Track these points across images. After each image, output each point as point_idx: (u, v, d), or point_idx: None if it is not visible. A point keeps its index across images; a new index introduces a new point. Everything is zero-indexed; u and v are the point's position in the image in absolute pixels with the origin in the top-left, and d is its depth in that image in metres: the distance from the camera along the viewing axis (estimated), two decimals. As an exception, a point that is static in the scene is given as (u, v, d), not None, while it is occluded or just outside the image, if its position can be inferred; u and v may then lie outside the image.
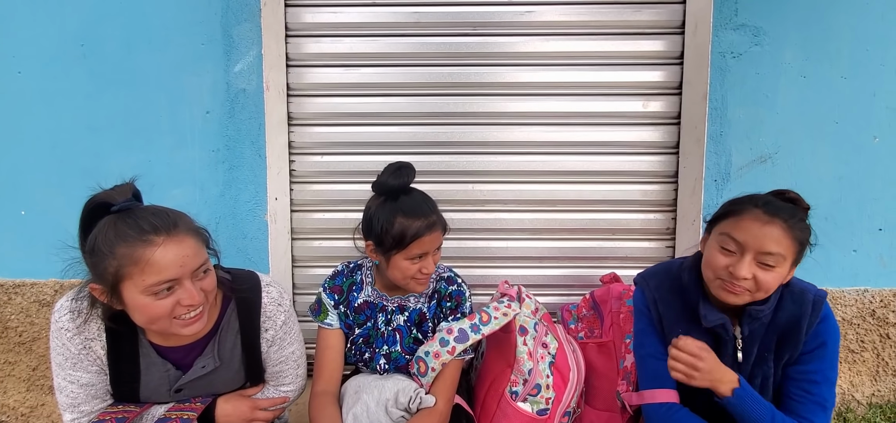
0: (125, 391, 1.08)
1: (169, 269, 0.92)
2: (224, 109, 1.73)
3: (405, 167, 1.19)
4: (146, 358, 1.07)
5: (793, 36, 1.72)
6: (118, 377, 1.06)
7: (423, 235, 1.16)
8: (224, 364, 1.12)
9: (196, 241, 0.98)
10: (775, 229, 1.00)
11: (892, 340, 1.85)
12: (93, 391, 1.06)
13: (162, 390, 1.09)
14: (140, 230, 0.91)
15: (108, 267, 0.91)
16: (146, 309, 0.94)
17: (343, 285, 1.31)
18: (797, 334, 1.07)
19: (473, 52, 1.74)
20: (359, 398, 1.21)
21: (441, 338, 1.27)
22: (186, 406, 1.10)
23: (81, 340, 1.02)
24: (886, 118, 1.75)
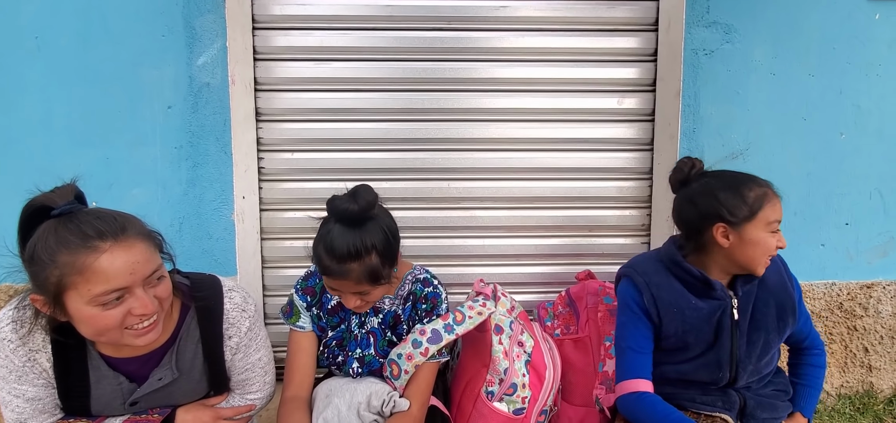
0: (75, 405, 1.02)
1: (117, 277, 0.86)
2: (187, 103, 1.66)
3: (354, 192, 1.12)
4: (96, 371, 1.00)
5: (763, 34, 1.74)
6: (66, 391, 1.00)
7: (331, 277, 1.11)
8: (183, 375, 1.06)
9: (147, 245, 0.92)
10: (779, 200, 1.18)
11: (859, 332, 1.90)
12: (40, 406, 0.99)
13: (115, 403, 1.03)
14: (84, 236, 0.85)
15: (49, 276, 0.84)
16: (93, 321, 0.88)
17: (316, 286, 1.27)
18: (788, 295, 1.22)
19: (448, 48, 1.71)
20: (330, 402, 1.17)
21: (414, 340, 1.23)
22: (143, 419, 1.04)
23: (25, 351, 0.96)
24: (852, 115, 1.79)
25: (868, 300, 1.88)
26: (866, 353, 1.91)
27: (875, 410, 1.87)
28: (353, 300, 1.15)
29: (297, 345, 1.25)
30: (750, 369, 1.20)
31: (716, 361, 1.19)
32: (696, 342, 1.20)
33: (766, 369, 1.25)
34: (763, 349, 1.21)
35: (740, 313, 1.20)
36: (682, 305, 1.19)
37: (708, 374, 1.21)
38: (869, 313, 1.89)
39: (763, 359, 1.22)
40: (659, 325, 1.21)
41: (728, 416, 1.21)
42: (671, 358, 1.24)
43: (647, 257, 1.31)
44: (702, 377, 1.21)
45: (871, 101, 1.79)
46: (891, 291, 1.88)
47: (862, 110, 1.79)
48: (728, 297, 1.19)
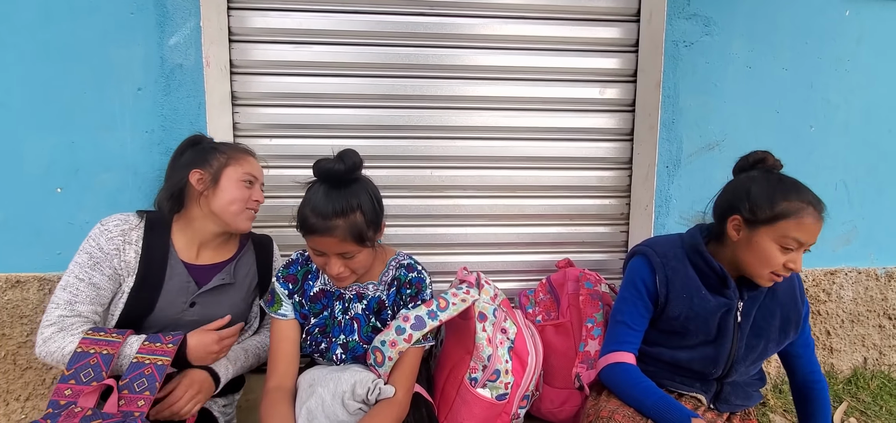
0: (145, 298, 1.19)
1: (252, 169, 1.30)
2: (158, 85, 1.59)
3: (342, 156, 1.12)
4: (172, 268, 1.23)
5: (740, 27, 1.78)
6: (143, 281, 1.19)
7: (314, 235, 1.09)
8: (236, 285, 1.31)
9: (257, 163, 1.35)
10: (820, 225, 1.10)
11: (822, 316, 1.99)
12: (95, 294, 1.16)
13: (179, 301, 1.22)
14: (234, 146, 1.31)
15: (218, 159, 1.25)
16: (235, 189, 1.24)
17: (297, 273, 1.25)
18: (796, 309, 1.23)
19: (430, 33, 1.68)
20: (313, 392, 1.15)
21: (397, 326, 1.22)
22: (157, 347, 1.12)
23: (119, 241, 1.19)
24: (822, 108, 1.86)
25: (831, 286, 1.97)
26: (828, 336, 2.01)
27: (835, 389, 1.97)
28: (337, 265, 1.13)
29: (280, 333, 1.22)
30: (742, 370, 1.23)
31: (714, 357, 1.21)
32: (697, 332, 1.21)
33: (754, 369, 1.29)
34: (760, 355, 1.23)
35: (744, 316, 1.20)
36: (691, 292, 1.19)
37: (702, 366, 1.23)
38: (832, 298, 1.98)
39: (758, 363, 1.26)
40: (664, 305, 1.22)
41: (702, 397, 1.25)
42: (669, 342, 1.25)
43: (667, 239, 1.30)
44: (696, 367, 1.23)
45: (840, 95, 1.86)
46: (852, 277, 1.97)
47: (831, 104, 1.86)
48: (736, 297, 1.18)
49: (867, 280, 1.98)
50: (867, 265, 1.98)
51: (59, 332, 1.12)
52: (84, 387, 1.05)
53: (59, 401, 1.04)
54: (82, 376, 1.06)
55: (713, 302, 1.19)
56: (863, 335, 2.02)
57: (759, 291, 1.20)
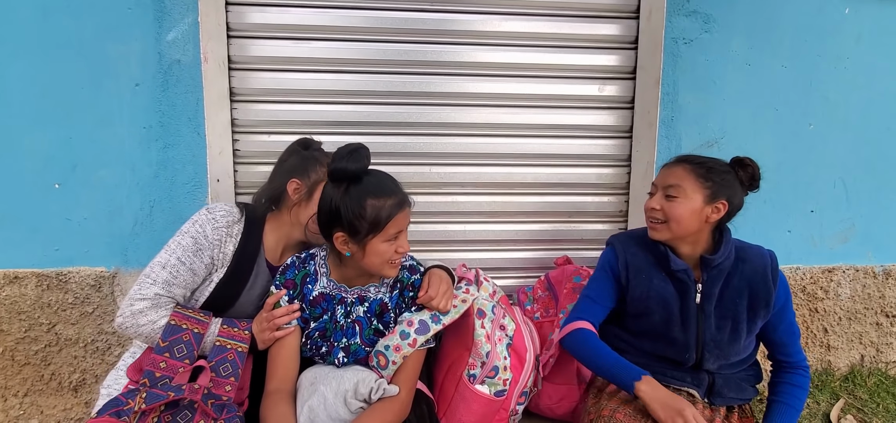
0: (231, 290, 1.23)
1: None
2: (156, 81, 1.58)
3: (361, 149, 1.13)
4: (259, 267, 1.27)
5: (740, 24, 1.77)
6: (232, 276, 1.22)
7: (397, 213, 1.12)
8: None
9: None
10: (677, 167, 1.25)
11: (819, 313, 2.00)
12: (191, 281, 1.18)
13: (256, 298, 1.28)
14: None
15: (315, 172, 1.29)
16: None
17: (296, 277, 1.23)
18: (766, 286, 1.23)
19: (430, 30, 1.67)
20: (315, 390, 1.15)
21: (401, 331, 1.22)
22: (235, 333, 1.19)
23: (224, 232, 1.21)
24: (821, 106, 1.86)
25: (829, 284, 1.97)
26: (825, 333, 2.02)
27: (832, 386, 1.98)
28: (405, 240, 1.18)
29: (281, 341, 1.21)
30: (717, 353, 1.25)
31: (683, 342, 1.25)
32: (659, 312, 1.28)
33: (737, 357, 1.27)
34: (732, 335, 1.24)
35: (705, 297, 1.25)
36: (650, 274, 1.30)
37: (675, 353, 1.27)
38: (829, 295, 1.99)
39: (733, 346, 1.25)
40: (626, 287, 1.33)
41: (696, 392, 1.26)
42: (641, 326, 1.32)
43: (636, 231, 1.42)
44: (670, 354, 1.28)
45: (839, 92, 1.85)
46: (849, 275, 1.98)
47: (830, 102, 1.86)
48: (691, 281, 1.25)
49: (865, 278, 1.99)
50: (865, 263, 1.98)
51: (152, 308, 1.13)
52: (178, 363, 1.10)
53: (154, 372, 1.08)
54: (176, 351, 1.11)
55: (671, 287, 1.27)
56: (860, 333, 2.03)
57: (719, 270, 1.24)
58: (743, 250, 1.27)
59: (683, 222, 1.22)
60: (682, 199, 1.21)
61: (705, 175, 1.22)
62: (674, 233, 1.24)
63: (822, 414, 1.85)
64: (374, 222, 1.09)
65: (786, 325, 1.27)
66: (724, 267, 1.24)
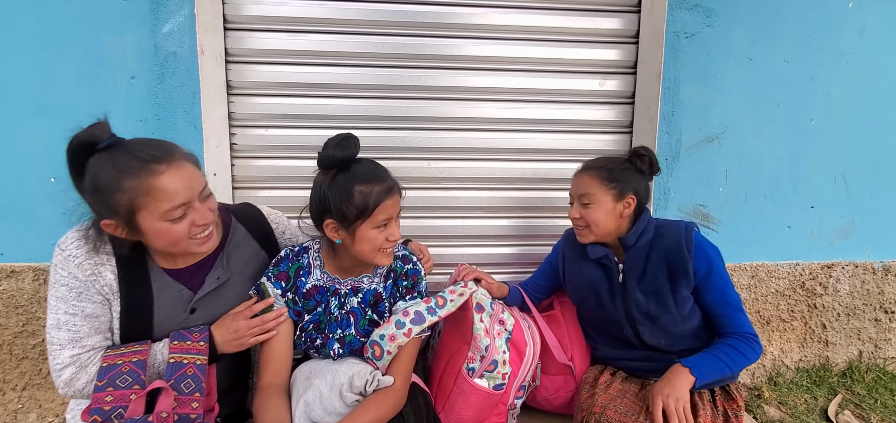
0: (139, 319, 1.08)
1: (179, 193, 0.97)
2: (152, 74, 1.57)
3: (349, 138, 1.13)
4: (158, 281, 1.09)
5: (742, 18, 1.75)
6: (131, 303, 1.06)
7: (385, 199, 1.12)
8: (234, 276, 1.18)
9: (193, 164, 1.02)
10: (585, 177, 1.37)
11: (818, 309, 1.99)
12: (96, 324, 1.05)
13: (176, 312, 1.11)
14: (142, 161, 0.94)
15: (119, 201, 0.94)
16: (166, 234, 0.99)
17: (289, 270, 1.23)
18: (680, 255, 1.30)
19: (429, 23, 1.66)
20: (310, 385, 1.15)
21: (397, 320, 1.22)
22: (189, 346, 1.08)
23: (91, 265, 1.03)
24: (822, 102, 1.84)
25: (828, 280, 1.97)
26: (824, 329, 2.02)
27: (830, 382, 1.99)
28: (397, 227, 1.18)
29: None
30: (650, 325, 1.35)
31: (615, 318, 1.39)
32: (592, 296, 1.42)
33: (677, 327, 1.33)
34: (659, 307, 1.32)
35: (627, 275, 1.36)
36: (581, 263, 1.46)
37: (615, 330, 1.41)
38: (828, 291, 1.98)
39: (665, 316, 1.32)
40: (563, 277, 1.53)
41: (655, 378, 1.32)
42: (583, 312, 1.50)
43: None
44: (614, 332, 1.42)
45: (841, 88, 1.84)
46: (849, 270, 1.97)
47: (831, 97, 1.84)
48: (613, 263, 1.38)
49: (864, 274, 1.98)
50: (864, 259, 1.98)
51: (80, 369, 1.03)
52: (126, 391, 0.99)
53: (102, 407, 0.97)
54: (118, 382, 1.00)
55: (597, 273, 1.41)
56: (859, 329, 2.03)
57: (636, 248, 1.35)
58: (662, 227, 1.36)
59: (602, 224, 1.34)
60: (595, 204, 1.34)
61: (609, 178, 1.34)
62: (596, 235, 1.36)
63: (820, 410, 1.85)
64: (362, 208, 1.09)
65: (715, 294, 1.30)
66: (641, 245, 1.35)
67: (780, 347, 2.01)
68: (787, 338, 2.01)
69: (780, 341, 2.01)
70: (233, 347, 1.14)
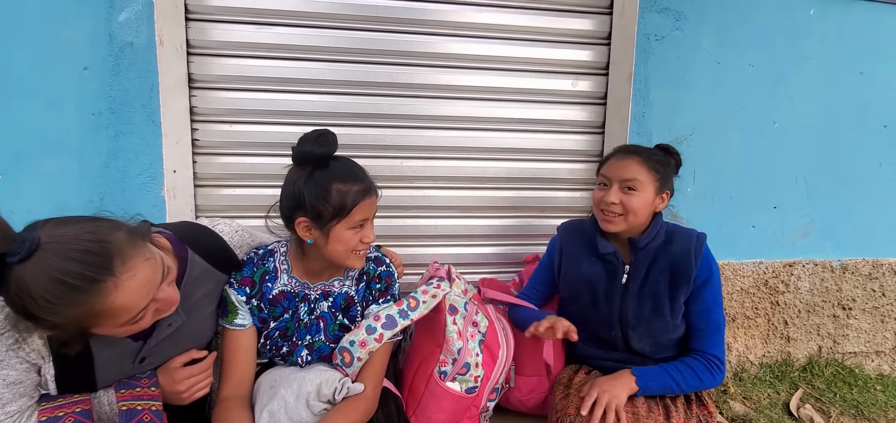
0: (78, 379, 0.94)
1: (138, 304, 0.82)
2: (106, 65, 1.48)
3: (327, 134, 1.08)
4: (98, 339, 0.92)
5: (710, 22, 1.79)
6: (66, 365, 0.92)
7: (363, 199, 1.08)
8: (192, 315, 1.05)
9: (145, 255, 0.84)
10: (632, 161, 1.27)
11: (780, 306, 2.06)
12: (20, 390, 0.91)
13: (123, 366, 0.98)
14: (78, 283, 0.75)
15: (64, 325, 0.78)
16: (126, 332, 0.86)
17: (254, 275, 1.16)
18: (687, 263, 1.26)
19: (402, 19, 1.62)
20: (275, 394, 1.10)
21: (368, 325, 1.18)
22: (140, 393, 0.98)
23: (12, 335, 0.87)
24: (785, 106, 1.90)
25: (790, 277, 2.04)
26: (786, 325, 2.08)
27: (792, 377, 2.05)
28: (371, 230, 1.14)
29: (235, 343, 1.14)
30: (641, 330, 1.30)
31: (607, 319, 1.33)
32: (587, 293, 1.36)
33: (663, 335, 1.31)
34: (653, 311, 1.29)
35: (631, 278, 1.31)
36: (581, 259, 1.38)
37: (603, 331, 1.35)
38: (790, 289, 2.05)
39: (657, 322, 1.29)
40: (558, 272, 1.43)
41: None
42: (572, 309, 1.41)
43: (580, 220, 1.49)
44: (601, 333, 1.36)
45: (802, 92, 1.90)
46: (809, 269, 2.04)
47: (794, 101, 1.90)
48: (620, 263, 1.32)
49: (823, 272, 2.06)
50: (824, 257, 2.05)
51: None
52: None
53: None
54: None
55: (601, 269, 1.35)
56: (818, 325, 2.11)
57: (646, 251, 1.29)
58: (673, 232, 1.31)
59: (640, 214, 1.26)
60: (640, 191, 1.25)
61: (655, 167, 1.26)
62: (630, 224, 1.27)
63: (783, 404, 1.91)
64: (339, 207, 1.05)
65: (702, 306, 1.27)
66: (651, 248, 1.29)
67: (745, 343, 2.07)
68: (751, 335, 2.07)
69: (745, 338, 2.06)
70: (174, 399, 1.03)
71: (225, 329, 1.14)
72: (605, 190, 1.29)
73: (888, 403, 1.95)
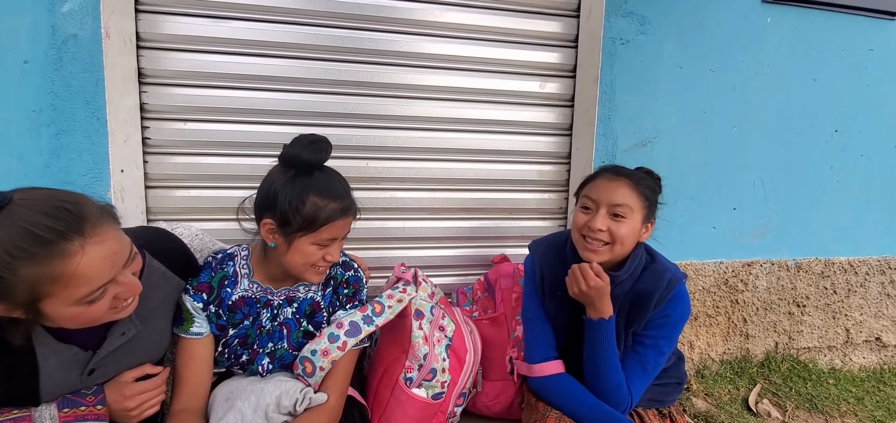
0: (21, 390, 0.88)
1: (100, 275, 0.78)
2: (48, 59, 1.38)
3: (322, 142, 1.04)
4: (44, 347, 0.88)
5: (673, 28, 1.82)
6: (9, 374, 0.85)
7: (337, 219, 1.03)
8: (147, 324, 0.99)
9: (114, 229, 0.82)
10: (622, 185, 1.14)
11: (740, 305, 2.12)
12: None
13: (70, 377, 0.92)
14: (43, 241, 0.72)
15: (17, 290, 0.73)
16: (79, 317, 0.80)
17: (212, 280, 1.11)
18: (646, 304, 1.14)
19: (367, 16, 1.59)
20: (231, 406, 1.04)
21: (330, 333, 1.14)
22: (84, 412, 0.92)
23: None
24: (743, 110, 1.96)
25: (748, 277, 2.10)
26: (745, 323, 2.15)
27: (750, 372, 2.12)
28: (338, 249, 1.09)
29: (190, 353, 1.08)
30: None
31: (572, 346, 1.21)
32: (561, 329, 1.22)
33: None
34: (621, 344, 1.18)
35: None
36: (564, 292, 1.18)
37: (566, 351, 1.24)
38: (748, 288, 2.11)
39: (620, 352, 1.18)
40: (542, 291, 1.27)
41: None
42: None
43: (551, 237, 1.33)
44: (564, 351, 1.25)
45: (760, 97, 1.96)
46: (766, 268, 2.11)
47: (751, 106, 1.96)
48: None
49: (779, 271, 2.13)
50: (779, 257, 2.13)
51: None
52: None
53: None
54: None
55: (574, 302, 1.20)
56: (775, 322, 2.18)
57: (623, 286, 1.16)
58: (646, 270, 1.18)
59: (627, 243, 1.13)
60: (629, 218, 1.12)
61: (645, 194, 1.14)
62: (615, 255, 1.14)
63: (742, 399, 1.97)
64: (309, 220, 1.01)
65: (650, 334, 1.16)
66: (626, 284, 1.16)
67: (707, 341, 2.12)
68: (712, 333, 2.12)
69: (707, 336, 2.12)
70: (123, 417, 0.97)
71: (179, 338, 1.08)
72: (590, 215, 1.14)
73: (840, 396, 2.04)
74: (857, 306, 2.25)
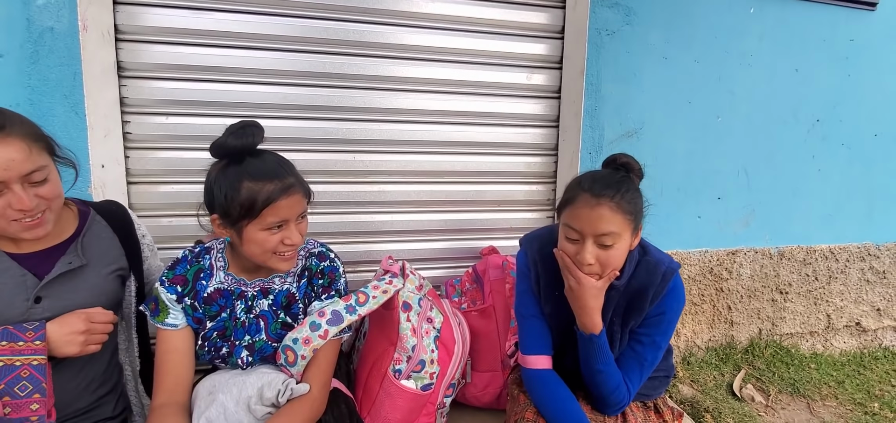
0: None
1: None
2: (24, 52, 1.35)
3: (247, 126, 1.01)
4: None
5: (658, 19, 1.83)
6: None
7: (278, 199, 1.00)
8: (91, 265, 1.05)
9: (28, 144, 0.90)
10: (604, 209, 1.04)
11: (724, 293, 2.15)
12: None
13: (16, 300, 0.97)
14: None
15: None
16: None
17: (187, 273, 1.10)
18: (642, 301, 1.13)
19: (353, 7, 1.57)
20: (214, 400, 1.03)
21: (312, 322, 1.13)
22: (22, 346, 0.94)
23: None
24: (727, 100, 1.98)
25: (732, 265, 2.13)
26: (729, 310, 2.18)
27: (735, 358, 2.16)
28: (296, 231, 1.05)
29: (168, 345, 1.07)
30: None
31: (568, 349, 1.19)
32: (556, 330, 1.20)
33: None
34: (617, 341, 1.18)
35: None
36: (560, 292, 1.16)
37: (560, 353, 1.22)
38: (733, 276, 2.15)
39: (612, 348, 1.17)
40: (538, 287, 1.23)
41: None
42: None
43: (543, 233, 1.29)
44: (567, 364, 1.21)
45: (743, 88, 1.99)
46: (750, 256, 2.15)
47: (735, 96, 1.98)
48: None
49: (763, 259, 2.17)
50: (763, 245, 2.16)
51: None
52: None
53: None
54: None
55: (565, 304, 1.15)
56: (758, 309, 2.22)
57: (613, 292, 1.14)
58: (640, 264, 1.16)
59: (620, 263, 1.10)
60: (619, 244, 1.06)
61: (628, 210, 1.07)
62: (611, 276, 1.10)
63: (726, 384, 2.00)
64: (248, 207, 0.98)
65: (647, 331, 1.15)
66: (622, 287, 1.14)
67: (693, 329, 2.15)
68: (698, 320, 2.15)
69: (693, 324, 2.15)
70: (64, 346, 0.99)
71: (158, 330, 1.08)
72: (578, 246, 1.08)
73: (821, 380, 2.09)
74: (837, 293, 2.30)
